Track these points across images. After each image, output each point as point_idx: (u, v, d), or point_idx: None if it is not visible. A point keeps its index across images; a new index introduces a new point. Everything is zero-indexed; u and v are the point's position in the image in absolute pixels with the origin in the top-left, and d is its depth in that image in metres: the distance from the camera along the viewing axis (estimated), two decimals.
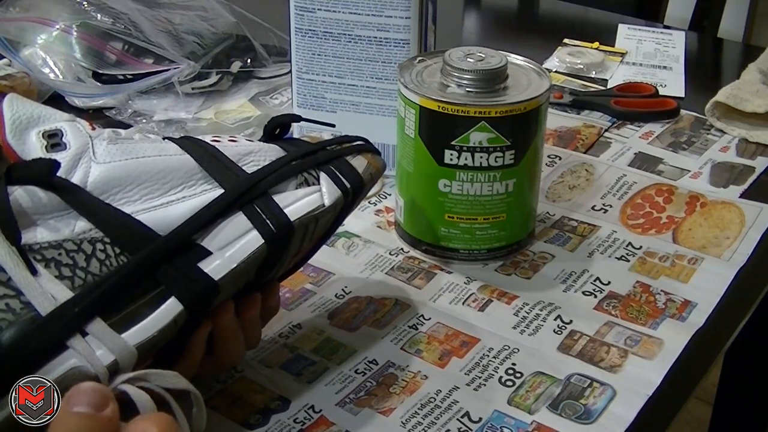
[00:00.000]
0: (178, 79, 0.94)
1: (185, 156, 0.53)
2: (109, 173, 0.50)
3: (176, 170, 0.52)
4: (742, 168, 0.87)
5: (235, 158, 0.54)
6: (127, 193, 0.51)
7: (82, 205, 0.49)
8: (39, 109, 0.52)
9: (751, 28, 2.20)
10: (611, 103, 0.97)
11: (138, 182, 0.51)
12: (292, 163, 0.55)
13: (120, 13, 0.97)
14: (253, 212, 0.53)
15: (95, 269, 0.48)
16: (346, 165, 0.58)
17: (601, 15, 1.27)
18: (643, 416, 0.58)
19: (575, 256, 0.73)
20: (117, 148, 0.52)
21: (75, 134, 0.51)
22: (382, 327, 0.65)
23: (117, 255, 0.49)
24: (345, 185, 0.57)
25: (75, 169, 0.50)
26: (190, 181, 0.52)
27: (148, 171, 0.51)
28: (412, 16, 0.77)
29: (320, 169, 0.56)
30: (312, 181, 0.56)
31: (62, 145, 0.51)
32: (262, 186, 0.53)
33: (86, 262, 0.48)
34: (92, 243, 0.48)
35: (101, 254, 0.48)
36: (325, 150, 0.58)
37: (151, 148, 0.53)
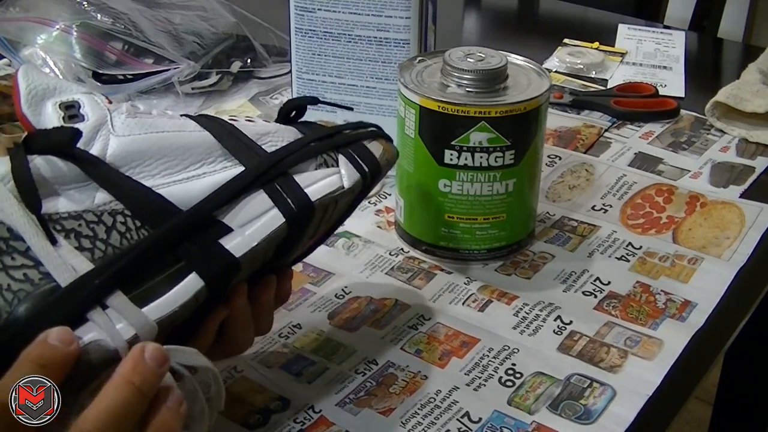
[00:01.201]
0: (178, 79, 0.94)
1: (204, 132, 0.52)
2: (129, 146, 0.50)
3: (196, 146, 0.52)
4: (742, 168, 0.87)
5: (254, 137, 0.54)
6: (147, 167, 0.50)
7: (103, 177, 0.48)
8: (55, 81, 0.51)
9: (751, 28, 2.20)
10: (611, 103, 0.97)
11: (157, 156, 0.50)
12: (311, 144, 0.55)
13: (120, 13, 0.97)
14: (274, 191, 0.52)
15: (116, 242, 0.47)
16: (364, 149, 0.57)
17: (601, 15, 1.27)
18: (643, 416, 0.58)
19: (575, 256, 0.73)
20: (136, 122, 0.51)
21: (93, 106, 0.51)
22: (382, 327, 0.65)
23: (138, 228, 0.48)
24: (363, 168, 0.56)
25: (94, 141, 0.49)
26: (209, 158, 0.52)
27: (168, 146, 0.51)
28: (412, 16, 0.77)
29: (339, 152, 0.56)
30: (331, 163, 0.55)
31: (80, 117, 0.50)
32: (283, 165, 0.53)
33: (107, 234, 0.47)
34: (113, 215, 0.48)
35: (122, 227, 0.48)
36: (342, 134, 0.58)
37: (170, 124, 0.52)
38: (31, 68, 0.52)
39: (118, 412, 0.42)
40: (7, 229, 0.45)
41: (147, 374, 0.43)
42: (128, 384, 0.43)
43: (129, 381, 0.43)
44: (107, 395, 0.43)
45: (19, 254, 0.45)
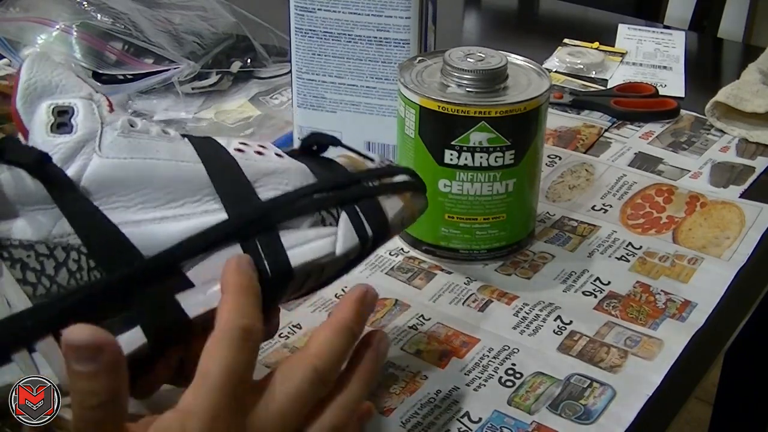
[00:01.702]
0: (178, 79, 0.94)
1: (198, 166, 0.48)
2: (110, 171, 0.46)
3: (184, 181, 0.47)
4: (742, 168, 0.87)
5: (254, 177, 0.49)
6: (123, 196, 0.46)
7: (68, 207, 0.45)
8: (60, 77, 0.48)
9: (751, 28, 2.20)
10: (611, 103, 0.97)
11: (139, 187, 0.46)
12: (314, 196, 0.50)
13: (120, 13, 0.97)
14: (252, 249, 0.47)
15: (63, 280, 0.44)
16: (375, 207, 0.51)
17: (601, 15, 1.27)
18: (643, 416, 0.58)
19: (575, 256, 0.73)
20: (127, 143, 0.47)
21: (86, 117, 0.47)
22: (382, 327, 0.65)
23: (90, 269, 0.44)
24: (365, 232, 0.50)
25: (74, 159, 0.46)
26: (195, 196, 0.47)
27: (153, 176, 0.47)
28: (412, 16, 0.77)
29: (343, 209, 0.50)
30: (330, 221, 0.50)
31: (69, 126, 0.46)
32: (270, 219, 0.48)
33: (55, 271, 0.44)
34: (66, 250, 0.44)
35: (73, 264, 0.44)
36: (359, 185, 0.52)
37: (165, 149, 0.48)
38: (40, 60, 0.49)
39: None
40: None
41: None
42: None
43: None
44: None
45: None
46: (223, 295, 0.45)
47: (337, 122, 0.82)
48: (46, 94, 0.48)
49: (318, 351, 0.46)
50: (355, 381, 0.48)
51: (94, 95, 0.49)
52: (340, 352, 0.46)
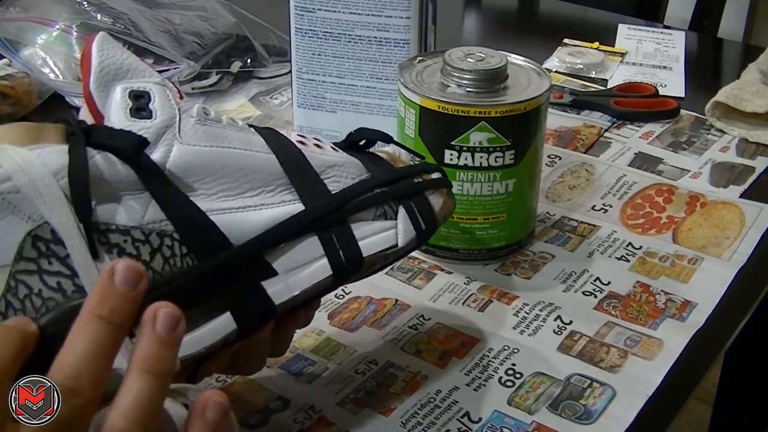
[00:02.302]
0: (178, 79, 0.94)
1: (271, 156, 0.49)
2: (192, 158, 0.46)
3: (260, 171, 0.49)
4: (742, 168, 0.87)
5: (320, 169, 0.51)
6: (205, 184, 0.47)
7: (160, 193, 0.45)
8: (130, 60, 0.48)
9: (751, 28, 2.20)
10: (611, 103, 0.97)
11: (218, 175, 0.47)
12: (375, 191, 0.52)
13: (120, 13, 0.97)
14: (328, 239, 0.49)
15: (158, 266, 0.45)
16: (426, 203, 0.54)
17: (601, 15, 1.27)
18: (643, 416, 0.58)
19: (575, 256, 0.73)
20: (204, 131, 0.48)
21: (163, 102, 0.47)
22: (382, 327, 0.65)
23: (183, 255, 0.45)
24: (421, 226, 0.53)
25: (157, 145, 0.46)
26: (270, 186, 0.49)
27: (232, 165, 0.48)
28: (412, 16, 0.77)
29: (400, 203, 0.53)
30: (390, 214, 0.52)
31: (147, 112, 0.46)
32: (342, 212, 0.50)
33: (150, 256, 0.45)
34: (161, 236, 0.45)
35: (167, 251, 0.45)
36: (407, 180, 0.54)
37: (239, 139, 0.49)
38: (107, 40, 0.48)
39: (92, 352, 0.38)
40: (51, 230, 0.42)
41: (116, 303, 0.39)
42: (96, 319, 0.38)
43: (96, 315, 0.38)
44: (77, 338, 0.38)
45: (58, 260, 0.42)
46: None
47: (337, 122, 0.82)
48: (120, 76, 0.47)
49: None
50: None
51: (166, 82, 0.49)
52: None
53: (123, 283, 0.39)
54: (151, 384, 0.39)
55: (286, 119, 0.90)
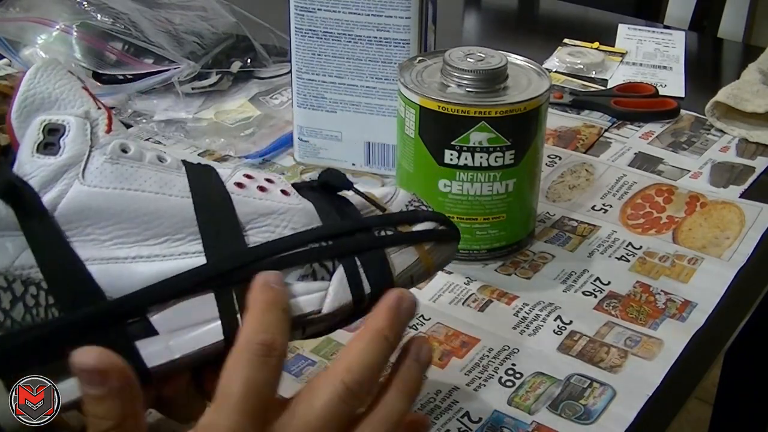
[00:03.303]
0: (178, 79, 0.94)
1: (186, 201, 0.45)
2: (89, 200, 0.44)
3: (168, 217, 0.44)
4: (742, 168, 0.87)
5: (249, 217, 0.46)
6: (100, 228, 0.43)
7: (35, 237, 0.42)
8: (63, 89, 0.46)
9: (751, 28, 2.20)
10: (611, 103, 0.97)
11: (116, 220, 0.44)
12: (309, 246, 0.46)
13: (120, 13, 0.97)
14: (227, 299, 0.44)
15: (18, 315, 0.41)
16: (380, 262, 0.47)
17: (601, 15, 1.27)
18: (643, 416, 0.58)
19: (575, 256, 0.73)
20: (113, 170, 0.44)
21: (76, 138, 0.45)
22: None
23: (48, 306, 0.42)
24: (362, 290, 0.46)
25: (54, 183, 0.43)
26: (177, 234, 0.44)
27: (135, 209, 0.44)
28: (412, 16, 0.77)
29: (341, 262, 0.46)
30: (323, 274, 0.46)
31: (56, 147, 0.44)
32: (252, 269, 0.44)
33: (10, 305, 0.42)
34: (26, 284, 0.42)
35: (31, 300, 0.42)
36: (368, 233, 0.47)
37: (154, 180, 0.45)
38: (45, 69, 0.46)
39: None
40: None
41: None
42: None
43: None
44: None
45: None
46: (248, 310, 0.43)
47: (337, 122, 0.82)
48: (44, 107, 0.45)
49: (348, 364, 0.43)
50: (393, 393, 0.44)
51: (92, 112, 0.46)
52: (373, 364, 0.43)
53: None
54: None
55: (286, 119, 0.90)
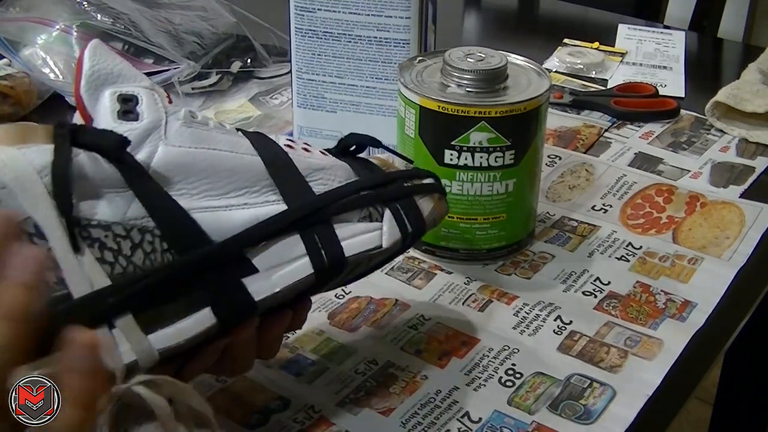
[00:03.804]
0: (178, 79, 0.94)
1: (256, 158, 0.51)
2: (176, 158, 0.48)
3: (244, 172, 0.50)
4: (742, 168, 0.87)
5: (306, 172, 0.52)
6: (189, 184, 0.48)
7: (142, 189, 0.47)
8: (120, 66, 0.50)
9: (751, 28, 2.20)
10: (611, 103, 0.97)
11: (202, 175, 0.48)
12: (360, 194, 0.53)
13: (120, 13, 0.97)
14: (310, 238, 0.50)
15: (139, 260, 0.46)
16: (413, 206, 0.55)
17: (601, 15, 1.27)
18: (643, 416, 0.58)
19: (575, 256, 0.73)
20: (190, 133, 0.49)
21: (150, 105, 0.49)
22: (382, 327, 0.65)
23: (164, 251, 0.46)
24: (407, 228, 0.54)
25: (142, 146, 0.47)
26: (255, 186, 0.50)
27: (216, 166, 0.49)
28: (412, 16, 0.77)
29: (386, 206, 0.54)
30: (375, 216, 0.53)
31: (135, 114, 0.48)
32: (326, 212, 0.51)
33: (131, 251, 0.46)
34: (142, 232, 0.46)
35: (148, 246, 0.46)
36: (396, 184, 0.55)
37: (224, 141, 0.50)
38: (100, 47, 0.50)
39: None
40: (34, 225, 0.44)
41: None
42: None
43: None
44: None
45: None
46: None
47: (337, 122, 0.82)
48: (110, 81, 0.49)
49: None
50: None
51: (155, 86, 0.51)
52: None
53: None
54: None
55: (286, 119, 0.90)
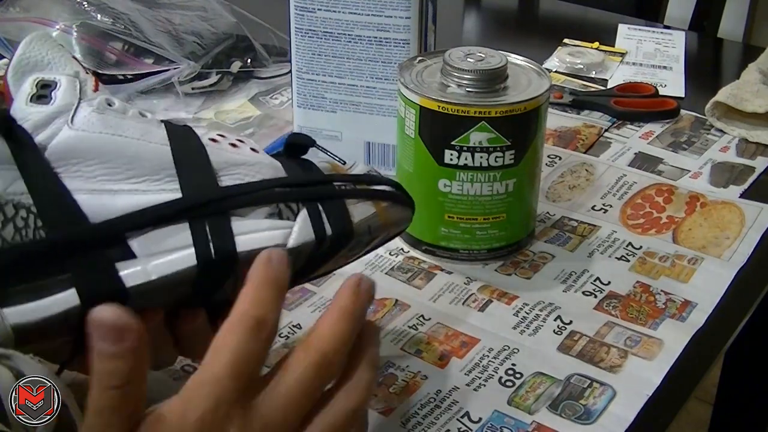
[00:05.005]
0: (178, 79, 0.94)
1: (165, 148, 0.50)
2: (77, 142, 0.48)
3: (147, 160, 0.49)
4: (742, 168, 0.87)
5: (220, 166, 0.50)
6: (87, 167, 0.48)
7: (27, 167, 0.46)
8: (54, 55, 0.51)
9: (751, 28, 2.20)
10: (611, 103, 0.97)
11: (102, 160, 0.48)
12: (275, 189, 0.50)
13: (120, 13, 0.97)
14: (199, 229, 0.48)
15: (8, 235, 0.45)
16: (340, 209, 0.52)
17: (601, 15, 1.27)
18: (643, 416, 0.58)
19: (575, 256, 0.73)
20: (100, 119, 0.49)
21: (66, 91, 0.49)
22: (382, 327, 0.65)
23: (36, 228, 0.46)
24: (324, 231, 0.51)
25: (45, 127, 0.48)
26: (156, 175, 0.49)
27: (118, 151, 0.48)
28: (412, 16, 0.77)
29: (304, 205, 0.51)
30: (287, 215, 0.50)
31: (48, 98, 0.49)
32: (224, 205, 0.49)
33: (1, 225, 0.45)
34: (17, 208, 0.46)
35: (20, 222, 0.45)
36: (329, 185, 0.53)
37: (136, 129, 0.50)
38: (39, 39, 0.51)
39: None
40: None
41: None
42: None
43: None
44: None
45: None
46: (246, 285, 0.45)
47: (337, 122, 0.82)
48: (37, 69, 0.50)
49: (321, 336, 0.45)
50: (363, 365, 0.47)
51: (81, 74, 0.51)
52: (344, 337, 0.45)
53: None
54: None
55: (286, 119, 0.90)
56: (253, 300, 0.44)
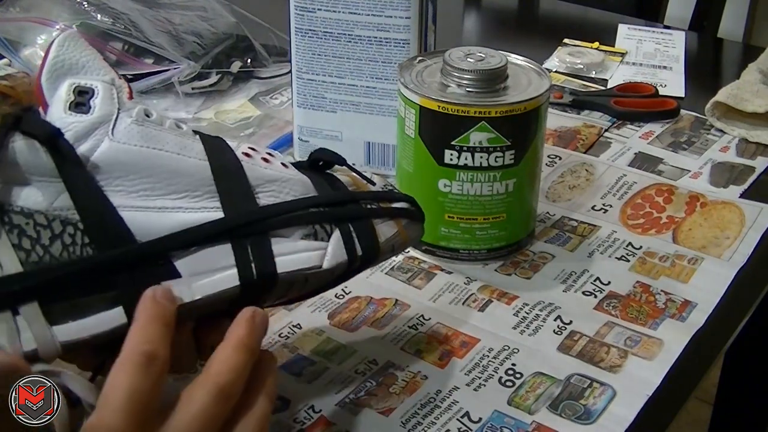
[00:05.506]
0: (178, 79, 0.94)
1: (204, 163, 0.50)
2: (119, 155, 0.47)
3: (188, 175, 0.49)
4: (742, 168, 0.87)
5: (257, 182, 0.51)
6: (128, 181, 0.48)
7: (73, 182, 0.46)
8: (88, 58, 0.50)
9: (751, 28, 2.20)
10: (611, 103, 0.97)
11: (143, 174, 0.48)
12: (310, 209, 0.51)
13: (120, 13, 0.97)
14: (242, 249, 0.49)
15: (56, 251, 0.45)
16: (369, 229, 0.53)
17: (601, 15, 1.27)
18: (643, 416, 0.58)
19: (575, 256, 0.73)
20: (139, 131, 0.49)
21: (105, 100, 0.49)
22: (382, 327, 0.65)
23: (83, 245, 0.46)
24: (355, 252, 0.52)
25: (86, 138, 0.47)
26: (196, 192, 0.49)
27: (159, 166, 0.48)
28: (412, 16, 0.77)
29: (337, 226, 0.52)
30: (322, 235, 0.51)
31: (86, 107, 0.48)
32: (264, 225, 0.49)
33: (50, 241, 0.45)
34: (64, 224, 0.46)
35: (68, 238, 0.46)
36: (357, 204, 0.53)
37: (174, 143, 0.49)
38: (71, 39, 0.50)
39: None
40: None
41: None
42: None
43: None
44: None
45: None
46: (134, 322, 0.45)
47: (337, 122, 0.82)
48: (71, 72, 0.49)
49: (218, 369, 0.46)
50: (261, 396, 0.47)
51: (116, 80, 0.50)
52: (240, 368, 0.46)
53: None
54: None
55: (286, 119, 0.90)
56: (141, 337, 0.45)
